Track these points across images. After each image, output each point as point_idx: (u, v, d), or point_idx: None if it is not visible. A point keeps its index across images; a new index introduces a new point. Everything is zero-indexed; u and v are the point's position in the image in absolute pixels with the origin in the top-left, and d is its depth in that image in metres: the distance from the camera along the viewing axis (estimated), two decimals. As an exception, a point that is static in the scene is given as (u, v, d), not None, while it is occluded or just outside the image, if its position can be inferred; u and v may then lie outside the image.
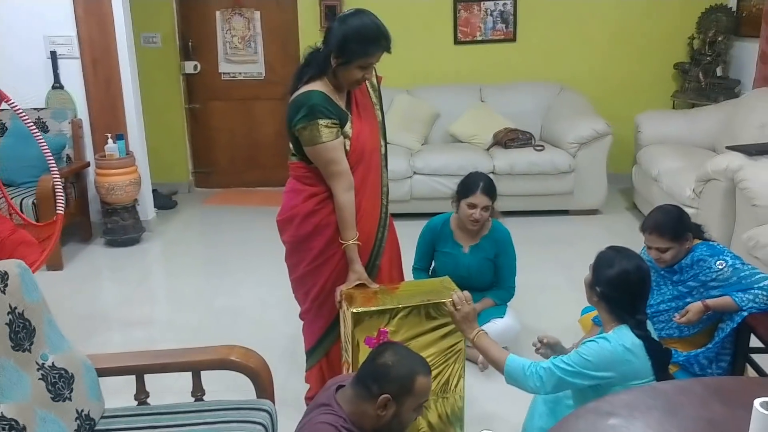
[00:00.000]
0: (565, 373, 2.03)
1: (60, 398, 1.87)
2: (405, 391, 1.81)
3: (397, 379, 1.82)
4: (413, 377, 1.83)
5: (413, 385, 1.82)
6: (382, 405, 1.81)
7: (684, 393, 1.58)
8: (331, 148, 2.36)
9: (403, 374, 1.82)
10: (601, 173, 5.31)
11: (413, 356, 1.91)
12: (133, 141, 5.08)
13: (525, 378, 2.08)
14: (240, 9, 6.13)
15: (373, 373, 1.85)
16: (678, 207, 2.82)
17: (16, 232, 3.33)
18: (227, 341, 2.32)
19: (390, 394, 1.80)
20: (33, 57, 4.94)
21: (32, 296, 1.91)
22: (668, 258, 2.66)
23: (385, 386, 1.81)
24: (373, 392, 1.81)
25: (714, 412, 1.47)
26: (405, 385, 1.82)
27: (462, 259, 3.26)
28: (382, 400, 1.80)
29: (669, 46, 5.99)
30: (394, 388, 1.81)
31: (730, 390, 1.46)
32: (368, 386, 1.83)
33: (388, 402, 1.81)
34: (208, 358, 2.14)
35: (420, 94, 5.88)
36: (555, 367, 2.05)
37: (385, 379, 1.82)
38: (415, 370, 1.84)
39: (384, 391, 1.81)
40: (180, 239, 5.31)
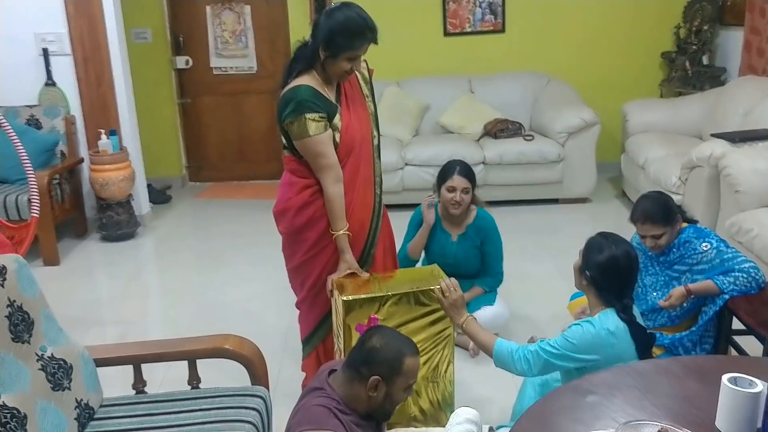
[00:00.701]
0: (551, 356, 2.09)
1: (60, 388, 1.93)
2: (394, 372, 1.88)
3: (386, 361, 1.88)
4: (401, 358, 1.89)
5: (402, 366, 1.88)
6: (372, 386, 1.87)
7: (662, 372, 1.65)
8: (319, 142, 2.42)
9: (391, 356, 1.89)
10: (590, 162, 5.38)
11: (400, 338, 1.97)
12: (126, 136, 5.12)
13: (513, 361, 2.14)
14: (230, 4, 6.16)
15: (363, 357, 1.91)
16: (662, 192, 2.89)
17: None
18: (220, 331, 2.37)
19: (380, 376, 1.87)
20: (24, 54, 4.97)
21: (30, 290, 1.96)
22: (664, 243, 2.73)
23: (374, 368, 1.88)
24: (363, 375, 1.88)
25: (690, 389, 1.54)
26: (394, 366, 1.88)
27: (450, 247, 3.32)
28: (373, 382, 1.87)
29: (655, 35, 6.05)
30: (383, 370, 1.87)
31: (706, 368, 1.53)
32: (359, 370, 1.89)
33: (379, 383, 1.87)
34: (203, 347, 2.20)
35: (410, 86, 5.93)
36: (541, 350, 2.11)
37: (375, 362, 1.89)
38: (402, 351, 1.90)
39: (374, 373, 1.87)
40: (174, 233, 5.36)
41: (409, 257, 3.36)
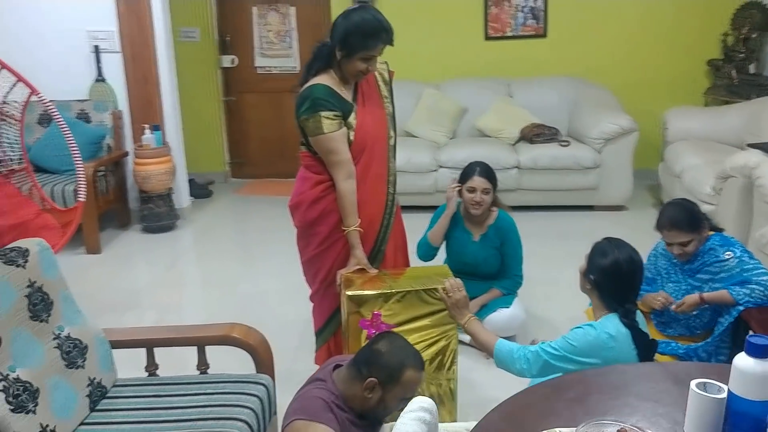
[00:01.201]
0: (551, 357, 2.11)
1: (73, 366, 2.05)
2: (392, 380, 1.93)
3: (386, 366, 1.94)
4: (402, 368, 1.94)
5: (401, 376, 1.93)
6: (368, 387, 1.93)
7: (643, 375, 1.66)
8: (332, 139, 2.50)
9: (393, 363, 1.94)
10: (627, 169, 5.31)
11: (409, 349, 2.02)
12: (169, 132, 5.31)
13: (513, 360, 2.16)
14: (275, 5, 6.31)
15: (367, 357, 1.98)
16: (687, 199, 2.86)
17: (40, 215, 3.56)
18: (246, 321, 2.46)
19: (377, 379, 1.92)
20: (77, 52, 5.21)
21: (51, 272, 2.09)
22: (691, 250, 2.70)
23: (374, 370, 1.93)
24: (363, 375, 1.94)
25: (664, 391, 1.55)
26: (393, 373, 1.93)
27: (470, 246, 3.36)
28: (369, 383, 1.92)
29: (701, 42, 5.94)
30: (382, 374, 1.93)
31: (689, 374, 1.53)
32: (360, 368, 1.96)
33: (375, 386, 1.92)
34: (212, 335, 2.30)
35: (448, 88, 5.97)
36: (542, 351, 2.13)
37: (376, 364, 1.94)
38: (406, 362, 1.95)
39: (372, 374, 1.93)
40: (212, 227, 5.52)
41: (429, 243, 3.40)
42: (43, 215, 3.62)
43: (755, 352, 1.26)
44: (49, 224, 3.55)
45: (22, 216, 3.54)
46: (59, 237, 3.47)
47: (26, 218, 3.53)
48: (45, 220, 3.57)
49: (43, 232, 3.46)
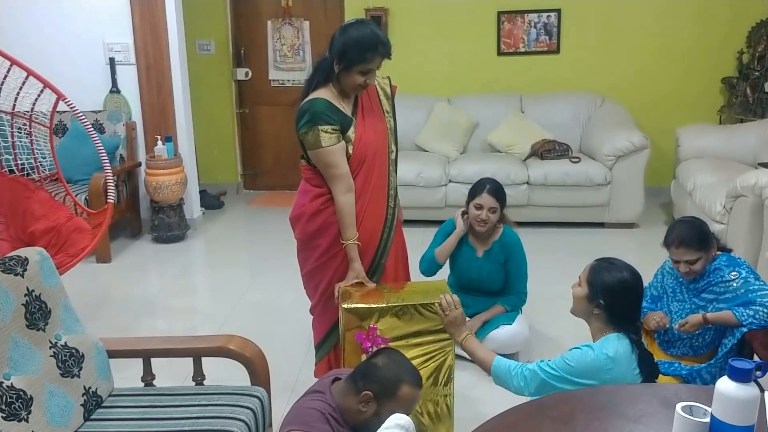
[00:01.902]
0: (549, 376, 2.10)
1: (69, 375, 2.06)
2: (387, 394, 1.93)
3: (382, 380, 1.94)
4: (398, 383, 1.94)
5: (397, 391, 1.93)
6: (363, 400, 1.93)
7: (631, 396, 1.64)
8: (331, 152, 2.51)
9: (389, 377, 1.94)
10: (638, 186, 5.27)
11: (406, 366, 2.02)
12: (181, 143, 5.36)
13: (510, 377, 2.15)
14: (290, 19, 6.37)
15: (364, 370, 1.99)
16: (697, 218, 2.83)
17: (72, 219, 3.63)
18: (251, 333, 2.48)
19: (372, 392, 1.92)
20: (93, 63, 5.29)
21: (50, 281, 2.11)
22: (698, 268, 2.67)
23: (370, 384, 1.94)
24: (359, 387, 1.94)
25: (650, 414, 1.53)
26: (388, 388, 1.93)
27: (474, 262, 3.35)
28: (364, 396, 1.93)
29: (717, 59, 5.90)
30: (377, 388, 1.93)
31: (678, 396, 1.51)
32: (357, 381, 1.96)
33: (370, 399, 1.93)
34: (208, 346, 2.31)
35: (460, 102, 5.97)
36: (540, 369, 2.11)
37: (372, 378, 1.95)
38: (402, 377, 1.95)
39: (368, 388, 1.93)
40: (222, 238, 5.55)
41: (435, 259, 3.40)
42: (75, 219, 3.68)
43: (737, 376, 1.24)
44: (80, 226, 3.61)
45: (55, 220, 3.62)
46: (90, 239, 3.53)
47: (59, 222, 3.60)
48: (76, 223, 3.62)
49: (75, 235, 3.54)
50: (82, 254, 3.40)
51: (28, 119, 3.85)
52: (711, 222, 4.22)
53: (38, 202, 3.68)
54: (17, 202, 3.69)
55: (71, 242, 3.49)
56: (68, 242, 3.50)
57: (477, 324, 3.28)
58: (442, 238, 3.44)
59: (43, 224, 3.53)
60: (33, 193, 3.73)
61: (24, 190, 3.73)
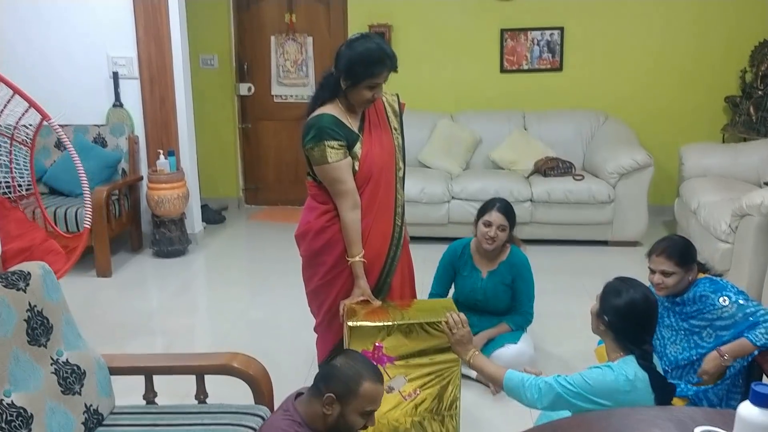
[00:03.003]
0: (565, 392, 2.06)
1: (70, 392, 2.02)
2: (350, 393, 1.91)
3: (342, 379, 1.93)
4: (359, 381, 1.92)
5: (358, 388, 1.91)
6: (327, 403, 1.91)
7: (646, 419, 1.61)
8: (337, 168, 2.49)
9: (349, 376, 1.93)
10: (642, 204, 5.26)
11: (366, 363, 2.01)
12: (183, 157, 5.34)
13: (524, 389, 2.11)
14: (293, 34, 6.37)
15: (323, 373, 1.98)
16: (686, 238, 2.81)
17: (46, 241, 3.59)
18: (252, 350, 2.45)
19: (334, 394, 1.91)
20: (97, 77, 5.28)
21: (52, 296, 2.08)
22: (670, 284, 2.64)
23: (331, 385, 1.93)
24: (321, 391, 1.93)
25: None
26: (350, 386, 1.92)
27: (479, 283, 3.32)
28: (327, 399, 1.91)
29: (720, 78, 5.91)
30: (339, 389, 1.92)
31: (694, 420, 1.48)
32: (318, 386, 1.95)
33: (333, 402, 1.91)
34: (211, 364, 2.27)
35: (463, 119, 5.97)
36: (556, 383, 2.08)
37: (332, 379, 1.94)
38: (362, 374, 1.94)
39: (330, 390, 1.92)
40: (224, 252, 5.52)
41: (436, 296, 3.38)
42: (50, 240, 3.65)
43: (760, 401, 1.21)
44: (54, 249, 3.58)
45: (30, 240, 3.58)
46: (64, 262, 3.50)
47: (33, 243, 3.57)
48: (51, 245, 3.60)
49: (48, 257, 3.49)
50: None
51: (10, 137, 3.82)
52: (716, 241, 4.20)
53: (14, 221, 3.64)
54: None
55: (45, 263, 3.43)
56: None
57: (481, 341, 3.24)
58: (444, 268, 3.44)
59: (17, 244, 3.48)
60: (9, 212, 3.69)
61: (0, 209, 3.69)
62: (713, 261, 4.06)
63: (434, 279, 3.46)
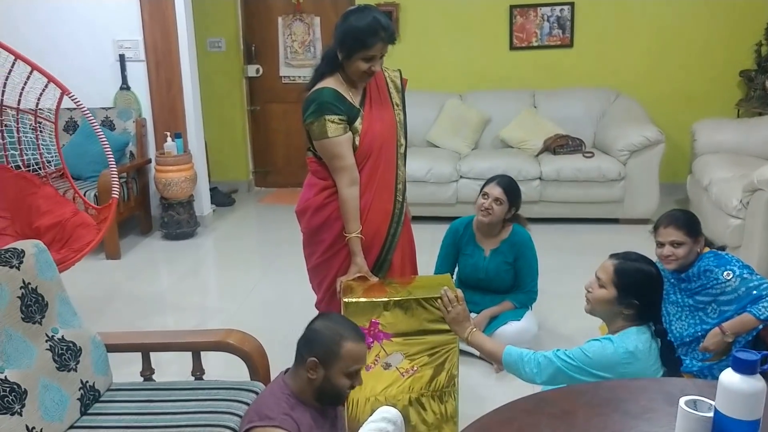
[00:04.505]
0: (565, 365, 2.05)
1: (65, 369, 2.03)
2: (332, 355, 1.90)
3: (323, 343, 1.91)
4: (339, 341, 1.91)
5: (339, 349, 1.90)
6: (310, 368, 1.91)
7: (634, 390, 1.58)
8: (337, 143, 2.47)
9: (328, 337, 1.92)
10: (653, 182, 5.18)
11: (345, 323, 2.00)
12: (191, 140, 5.34)
13: (523, 363, 2.11)
14: (300, 15, 6.34)
15: (304, 339, 1.97)
16: (689, 211, 2.79)
17: (77, 214, 3.63)
18: (258, 330, 2.46)
19: (317, 357, 1.90)
20: (104, 60, 5.28)
21: (47, 274, 2.08)
22: (681, 254, 2.62)
23: (312, 350, 1.91)
24: (304, 357, 1.92)
25: (654, 410, 1.47)
26: (332, 348, 1.90)
27: (481, 262, 3.29)
28: (310, 363, 1.90)
29: (734, 53, 5.79)
30: (320, 352, 1.90)
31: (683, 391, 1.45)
32: (301, 353, 1.94)
33: (317, 365, 1.90)
34: (207, 340, 2.28)
35: (472, 98, 5.91)
36: (556, 357, 2.07)
37: (313, 343, 1.93)
38: (342, 334, 1.92)
39: (312, 354, 1.91)
40: (232, 235, 5.53)
41: None
42: (80, 214, 3.69)
43: (742, 367, 1.18)
44: (85, 221, 3.62)
45: (60, 215, 3.63)
46: (95, 234, 3.52)
47: (64, 217, 3.61)
48: (81, 218, 3.64)
49: (79, 230, 3.54)
50: (86, 249, 3.38)
51: (34, 114, 3.85)
52: (727, 217, 4.13)
53: (44, 197, 3.68)
54: (23, 197, 3.69)
55: (76, 237, 3.48)
56: (73, 237, 3.49)
57: (484, 319, 3.22)
58: (447, 247, 3.42)
59: (48, 219, 3.54)
60: (39, 189, 3.73)
61: (30, 186, 3.74)
62: (724, 237, 3.99)
63: (438, 258, 3.44)
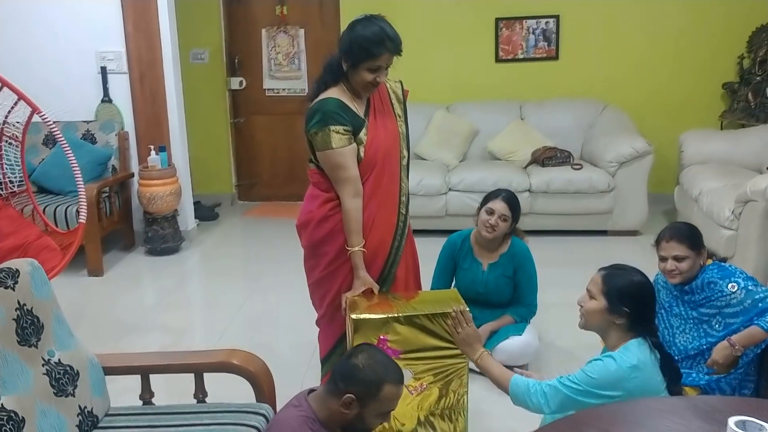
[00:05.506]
0: (572, 391, 2.00)
1: (63, 393, 1.93)
2: (370, 395, 1.83)
3: (364, 381, 1.84)
4: (381, 383, 1.84)
5: (379, 392, 1.83)
6: (346, 403, 1.83)
7: (669, 410, 1.53)
8: (341, 154, 2.42)
9: (371, 378, 1.84)
10: (642, 193, 5.19)
11: (387, 362, 1.92)
12: (175, 153, 5.23)
13: (529, 395, 2.06)
14: (285, 27, 6.27)
15: (343, 371, 1.88)
16: (691, 224, 2.77)
17: (41, 237, 3.51)
18: (249, 347, 2.36)
19: (354, 394, 1.82)
20: (85, 72, 5.16)
21: (42, 294, 1.98)
22: (684, 268, 2.58)
23: (351, 385, 1.84)
24: (340, 389, 1.84)
25: (695, 429, 1.42)
26: (371, 389, 1.83)
27: (480, 276, 3.24)
28: (346, 399, 1.83)
29: (717, 65, 5.85)
30: (359, 390, 1.83)
31: (717, 409, 1.41)
32: (337, 383, 1.86)
33: (353, 402, 1.83)
34: (210, 361, 2.19)
35: (459, 110, 5.89)
36: (561, 384, 2.03)
37: (353, 379, 1.85)
38: (384, 377, 1.85)
39: (349, 390, 1.83)
40: (217, 250, 5.42)
41: None
42: (44, 237, 3.57)
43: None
44: (49, 245, 3.51)
45: (24, 238, 3.50)
46: (59, 259, 3.40)
47: (27, 240, 3.49)
48: (46, 242, 3.53)
49: (43, 254, 3.41)
50: (50, 274, 3.24)
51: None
52: (719, 228, 4.14)
53: (7, 218, 3.56)
54: None
55: (40, 261, 3.33)
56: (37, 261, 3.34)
57: (484, 334, 3.16)
58: (445, 260, 3.35)
59: (10, 242, 3.42)
60: (1, 210, 3.61)
61: None
62: (717, 248, 3.99)
63: (435, 273, 3.37)
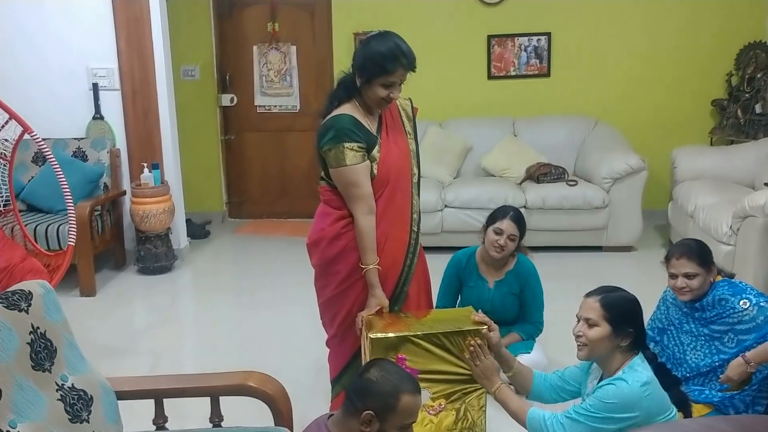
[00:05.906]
0: (590, 419, 2.02)
1: (78, 420, 1.87)
2: (388, 409, 1.78)
3: (380, 394, 1.79)
4: (397, 395, 1.79)
5: (397, 403, 1.79)
6: (365, 421, 1.78)
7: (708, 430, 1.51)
8: (353, 171, 2.39)
9: (386, 391, 1.80)
10: (636, 209, 5.22)
11: (401, 374, 1.88)
12: (168, 170, 5.17)
13: (546, 427, 2.08)
14: (277, 43, 6.25)
15: (358, 389, 1.84)
16: (700, 240, 2.77)
17: (26, 259, 3.41)
18: (251, 368, 2.31)
19: (373, 411, 1.78)
20: (76, 88, 5.09)
21: (54, 317, 1.93)
22: (695, 286, 2.58)
23: (368, 402, 1.79)
24: (357, 408, 1.80)
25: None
26: (388, 402, 1.78)
27: (486, 293, 3.22)
28: (365, 417, 1.78)
29: (706, 82, 5.93)
30: (377, 405, 1.78)
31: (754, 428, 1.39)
32: (353, 402, 1.81)
33: (372, 419, 1.78)
34: (226, 384, 2.13)
35: (452, 126, 5.89)
36: (578, 414, 2.04)
37: (369, 395, 1.80)
38: (400, 387, 1.80)
39: (367, 407, 1.78)
40: (210, 268, 5.35)
41: None
42: (30, 259, 3.46)
43: None
44: (35, 268, 3.40)
45: (8, 260, 3.39)
46: (47, 282, 3.30)
47: (13, 262, 3.38)
48: (32, 264, 3.42)
49: (29, 277, 3.30)
50: None
51: None
52: (717, 243, 4.16)
53: None
54: None
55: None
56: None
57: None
58: (449, 279, 3.34)
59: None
60: None
61: None
62: (716, 264, 4.01)
63: (440, 291, 3.34)
